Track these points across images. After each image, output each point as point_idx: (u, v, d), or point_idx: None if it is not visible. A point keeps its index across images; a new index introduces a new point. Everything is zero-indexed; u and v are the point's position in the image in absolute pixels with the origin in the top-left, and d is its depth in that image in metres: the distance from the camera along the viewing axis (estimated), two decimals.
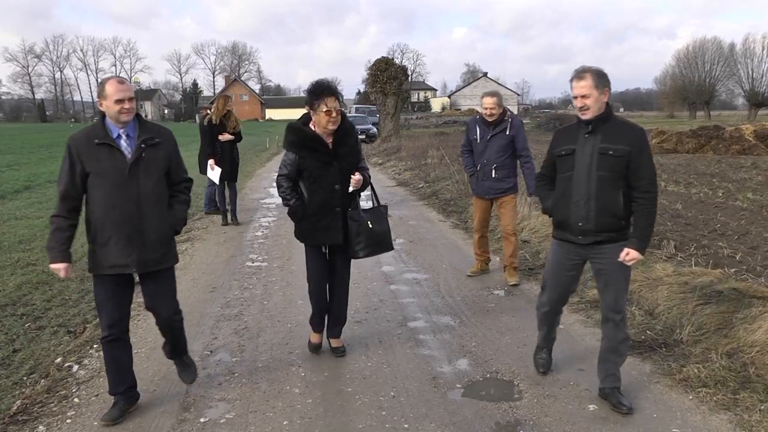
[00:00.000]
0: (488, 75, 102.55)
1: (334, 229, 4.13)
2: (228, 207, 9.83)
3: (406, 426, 3.46)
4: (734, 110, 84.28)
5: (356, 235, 4.16)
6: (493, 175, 6.04)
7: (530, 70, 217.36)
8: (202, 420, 3.56)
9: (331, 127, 4.04)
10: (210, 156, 9.28)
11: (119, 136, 3.38)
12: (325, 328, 4.52)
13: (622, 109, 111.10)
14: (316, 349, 4.49)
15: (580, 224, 3.55)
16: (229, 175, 9.58)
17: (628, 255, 3.45)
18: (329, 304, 4.43)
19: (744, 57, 68.47)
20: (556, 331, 4.14)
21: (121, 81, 3.36)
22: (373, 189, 4.51)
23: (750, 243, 7.39)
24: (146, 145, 3.40)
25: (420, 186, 13.82)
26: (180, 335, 3.81)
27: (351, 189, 4.13)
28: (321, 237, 4.17)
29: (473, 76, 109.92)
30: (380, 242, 4.26)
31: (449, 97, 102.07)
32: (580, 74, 3.50)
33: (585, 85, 3.45)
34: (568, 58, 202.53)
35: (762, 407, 3.48)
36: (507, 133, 6.04)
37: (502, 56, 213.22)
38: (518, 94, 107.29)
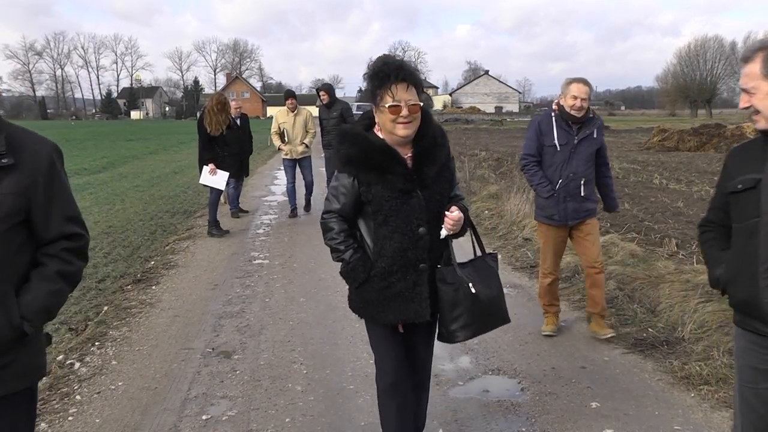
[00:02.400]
0: (490, 73, 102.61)
1: (418, 298, 2.59)
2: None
3: None
4: (736, 108, 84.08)
5: (452, 306, 2.60)
6: (582, 193, 4.52)
7: (532, 67, 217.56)
8: (204, 417, 3.56)
9: (402, 132, 2.50)
10: (209, 161, 8.31)
11: None
12: None
13: (623, 107, 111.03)
14: None
15: None
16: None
17: None
18: None
19: None
20: None
21: None
22: (473, 229, 2.85)
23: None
24: None
25: None
26: None
27: (444, 233, 2.59)
28: (397, 311, 2.61)
29: (475, 73, 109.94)
30: (489, 314, 2.68)
31: (451, 95, 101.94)
32: (749, 55, 2.12)
33: (754, 73, 2.09)
34: (570, 55, 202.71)
35: None
36: (595, 136, 4.57)
37: (504, 54, 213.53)
38: (519, 92, 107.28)
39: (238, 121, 9.76)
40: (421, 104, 2.53)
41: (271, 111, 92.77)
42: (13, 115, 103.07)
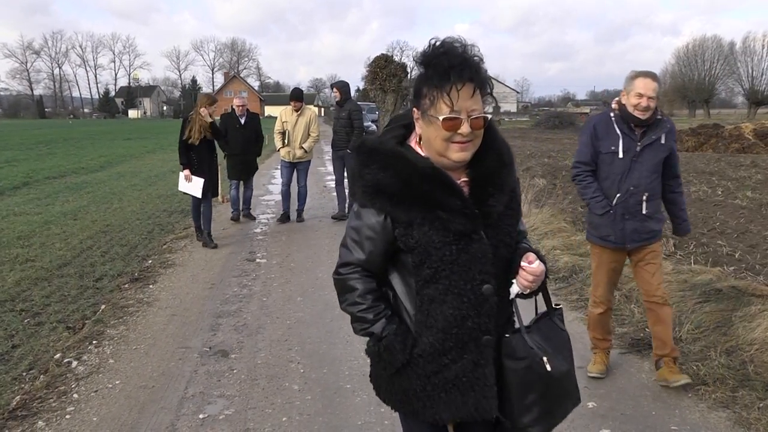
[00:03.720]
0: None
1: (481, 384, 1.82)
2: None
3: None
4: (734, 109, 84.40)
5: (523, 390, 1.83)
6: (644, 211, 3.76)
7: (530, 67, 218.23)
8: (200, 416, 3.56)
9: (457, 156, 1.74)
10: (185, 167, 7.55)
11: None
12: None
13: None
14: None
15: None
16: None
17: None
18: None
19: (744, 55, 68.62)
20: None
21: None
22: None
23: (749, 241, 7.39)
24: None
25: None
26: None
27: (516, 292, 1.84)
28: (452, 405, 1.83)
29: None
30: (563, 397, 1.91)
31: None
32: None
33: None
34: (569, 55, 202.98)
35: (761, 405, 3.49)
36: (663, 141, 3.75)
37: (502, 53, 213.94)
38: (518, 92, 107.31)
39: (242, 120, 9.12)
40: (489, 117, 1.76)
41: (269, 110, 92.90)
42: (10, 113, 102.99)
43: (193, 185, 7.54)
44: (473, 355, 1.80)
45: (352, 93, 9.85)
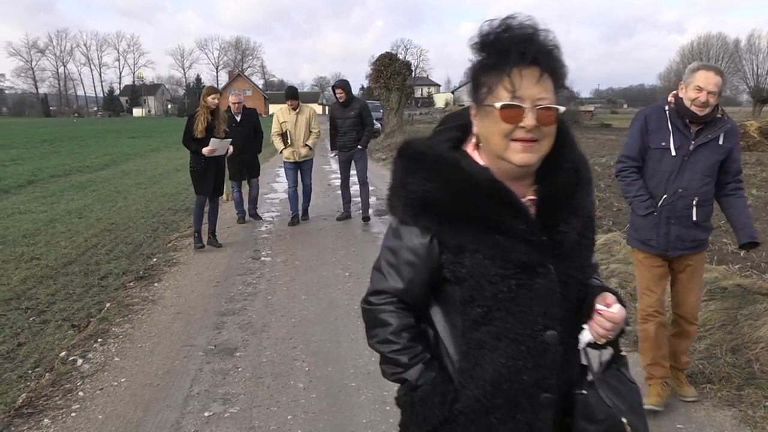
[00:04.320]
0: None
1: None
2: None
3: None
4: (738, 106, 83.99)
5: None
6: (694, 217, 3.44)
7: None
8: (206, 414, 3.57)
9: (519, 158, 1.36)
10: (201, 147, 7.24)
11: None
12: None
13: (626, 105, 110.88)
14: None
15: None
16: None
17: None
18: None
19: (749, 53, 68.29)
20: None
21: None
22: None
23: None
24: None
25: None
26: None
27: (588, 340, 1.47)
28: None
29: None
30: None
31: (453, 92, 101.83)
32: None
33: None
34: (573, 53, 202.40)
35: (766, 403, 3.48)
36: (721, 142, 3.35)
37: None
38: None
39: (238, 118, 8.79)
40: (561, 109, 1.36)
41: (273, 108, 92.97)
42: (15, 112, 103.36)
43: (221, 146, 7.33)
44: (527, 416, 1.44)
45: (357, 91, 9.70)
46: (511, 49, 1.33)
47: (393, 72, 28.82)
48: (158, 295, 5.81)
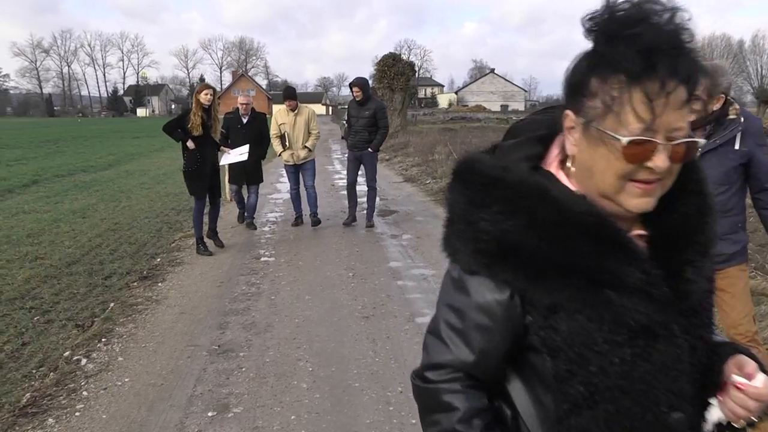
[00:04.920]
0: (495, 71, 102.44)
1: None
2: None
3: (413, 421, 3.45)
4: (743, 107, 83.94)
5: None
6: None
7: (539, 66, 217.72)
8: (209, 414, 3.57)
9: (637, 203, 0.99)
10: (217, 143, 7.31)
11: None
12: None
13: None
14: None
15: None
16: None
17: None
18: None
19: (753, 53, 68.22)
20: None
21: None
22: None
23: (759, 240, 7.34)
24: None
25: (427, 182, 13.79)
26: None
27: (718, 420, 1.07)
28: None
29: (480, 72, 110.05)
30: None
31: (456, 93, 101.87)
32: None
33: None
34: (573, 53, 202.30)
35: None
36: (737, 147, 3.05)
37: (511, 52, 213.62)
38: (525, 91, 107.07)
39: (244, 120, 8.53)
40: (701, 142, 1.02)
41: (276, 109, 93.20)
42: (20, 112, 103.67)
43: (236, 154, 7.60)
44: None
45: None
46: (654, 55, 0.91)
47: (396, 72, 28.82)
48: (162, 295, 5.81)
